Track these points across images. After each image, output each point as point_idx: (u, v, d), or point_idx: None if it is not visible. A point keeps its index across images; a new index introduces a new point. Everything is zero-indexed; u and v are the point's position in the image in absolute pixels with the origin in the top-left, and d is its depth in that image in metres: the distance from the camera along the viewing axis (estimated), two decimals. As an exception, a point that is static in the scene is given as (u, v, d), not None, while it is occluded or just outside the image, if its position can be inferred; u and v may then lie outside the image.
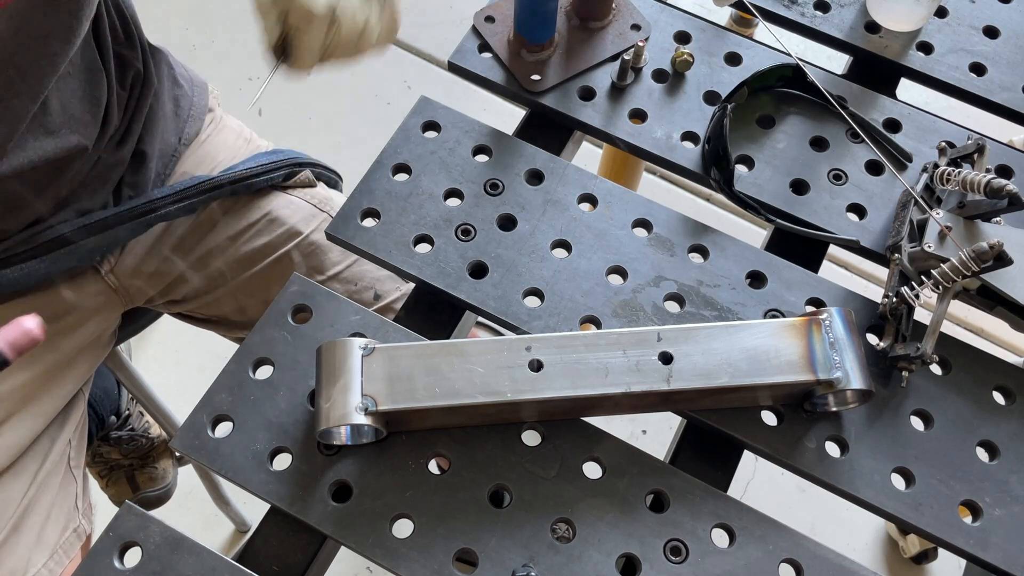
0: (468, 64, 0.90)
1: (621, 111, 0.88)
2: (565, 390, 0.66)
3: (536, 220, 0.80)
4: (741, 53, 0.92)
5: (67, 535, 0.93)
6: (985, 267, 0.68)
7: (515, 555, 0.65)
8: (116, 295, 1.01)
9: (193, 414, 0.70)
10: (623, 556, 0.66)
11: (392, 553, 0.65)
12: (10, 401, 0.90)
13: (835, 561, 0.66)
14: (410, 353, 0.67)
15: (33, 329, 0.58)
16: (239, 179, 1.00)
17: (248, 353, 0.73)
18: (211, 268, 1.03)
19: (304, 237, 1.02)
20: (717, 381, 0.67)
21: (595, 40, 0.91)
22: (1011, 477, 0.70)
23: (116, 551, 0.65)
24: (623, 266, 0.78)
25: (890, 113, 0.89)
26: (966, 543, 0.68)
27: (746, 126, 0.87)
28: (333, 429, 0.66)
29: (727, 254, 0.79)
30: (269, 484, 0.67)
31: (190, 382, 1.71)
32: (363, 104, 2.10)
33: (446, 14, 2.23)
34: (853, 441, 0.71)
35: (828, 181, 0.84)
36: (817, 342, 0.69)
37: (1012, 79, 0.92)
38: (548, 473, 0.69)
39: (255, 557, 0.68)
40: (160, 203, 0.95)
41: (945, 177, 0.77)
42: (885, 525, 1.65)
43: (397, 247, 0.78)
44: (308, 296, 0.75)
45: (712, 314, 0.76)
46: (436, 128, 0.85)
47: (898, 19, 0.94)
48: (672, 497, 0.68)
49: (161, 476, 1.48)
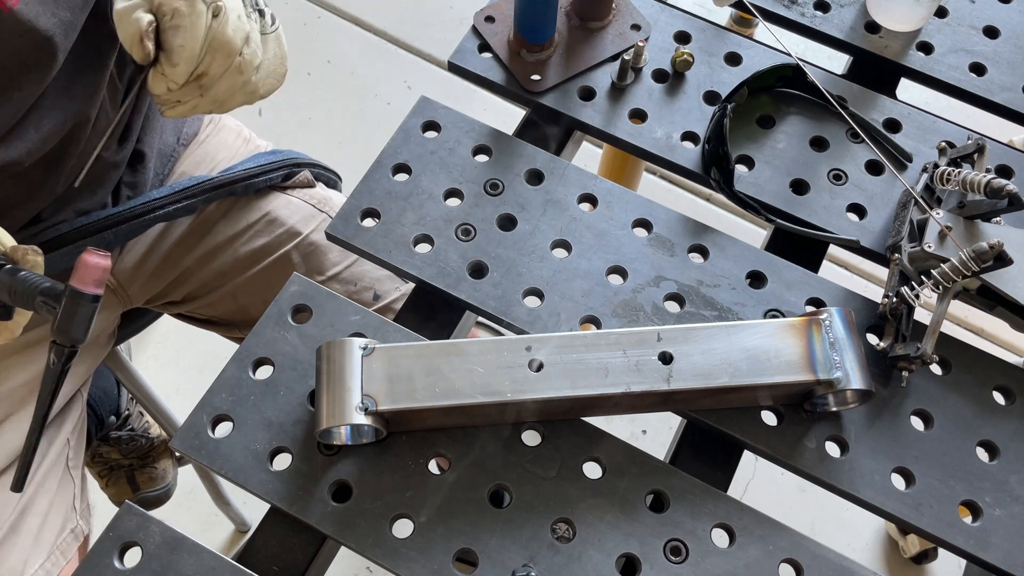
0: (468, 64, 0.90)
1: (621, 111, 0.88)
2: (565, 390, 0.66)
3: (536, 220, 0.80)
4: (741, 53, 0.92)
5: (64, 536, 0.92)
6: (985, 267, 0.68)
7: (515, 555, 0.65)
8: (116, 296, 1.01)
9: (193, 414, 0.70)
10: (623, 556, 0.66)
11: (392, 553, 0.65)
12: (9, 401, 0.90)
13: (835, 561, 0.66)
14: (410, 353, 0.67)
15: (100, 260, 0.61)
16: (238, 179, 1.00)
17: (248, 353, 0.73)
18: (210, 269, 1.02)
19: (303, 237, 1.02)
20: (717, 381, 0.67)
21: (595, 40, 0.91)
22: (1011, 477, 0.70)
23: (116, 551, 0.65)
24: (623, 266, 0.78)
25: (890, 113, 0.89)
26: (966, 543, 0.68)
27: (746, 126, 0.87)
28: (333, 429, 0.66)
29: (727, 254, 0.79)
30: (269, 484, 0.67)
31: (190, 382, 1.71)
32: (363, 104, 2.10)
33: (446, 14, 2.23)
34: (853, 441, 0.71)
35: (828, 181, 0.84)
36: (817, 342, 0.68)
37: (1012, 79, 0.92)
38: (548, 473, 0.69)
39: (255, 557, 0.68)
40: (159, 203, 0.94)
41: (945, 177, 0.77)
42: (885, 525, 1.65)
43: (397, 247, 0.78)
44: (308, 296, 0.75)
45: (712, 314, 0.76)
46: (436, 128, 0.85)
47: (898, 19, 0.94)
48: (672, 497, 0.68)
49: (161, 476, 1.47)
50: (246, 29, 0.69)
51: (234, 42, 0.68)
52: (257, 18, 0.72)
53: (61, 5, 0.74)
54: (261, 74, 0.73)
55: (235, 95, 0.72)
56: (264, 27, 0.73)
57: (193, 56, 0.67)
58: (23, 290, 0.60)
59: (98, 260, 0.61)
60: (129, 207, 0.93)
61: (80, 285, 0.60)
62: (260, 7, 0.73)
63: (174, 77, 0.67)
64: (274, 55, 0.74)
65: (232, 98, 0.72)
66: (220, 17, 0.67)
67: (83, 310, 0.61)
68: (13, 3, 0.69)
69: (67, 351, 0.62)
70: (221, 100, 0.72)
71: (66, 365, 0.63)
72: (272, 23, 0.74)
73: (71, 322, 0.60)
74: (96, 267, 0.61)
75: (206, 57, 0.68)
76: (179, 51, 0.66)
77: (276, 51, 0.74)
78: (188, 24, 0.66)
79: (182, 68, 0.67)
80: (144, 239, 1.00)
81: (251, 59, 0.70)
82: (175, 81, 0.68)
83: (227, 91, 0.71)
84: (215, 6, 0.66)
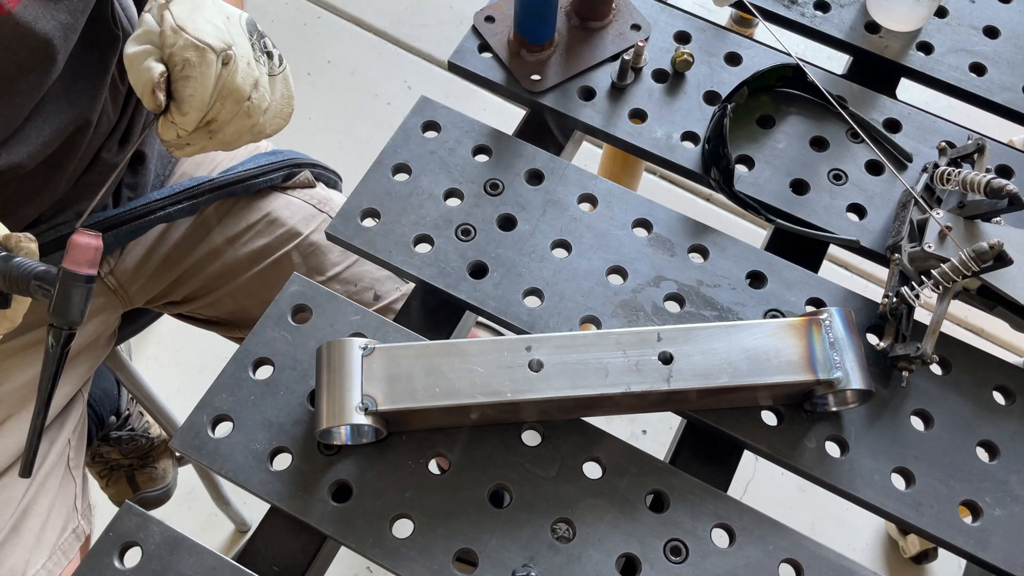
0: (468, 64, 0.90)
1: (621, 111, 0.88)
2: (565, 390, 0.66)
3: (536, 220, 0.80)
4: (741, 53, 0.92)
5: (66, 535, 0.92)
6: (985, 267, 0.68)
7: (515, 555, 0.65)
8: (116, 296, 1.01)
9: (193, 414, 0.70)
10: (623, 556, 0.66)
11: (392, 553, 0.65)
12: (9, 401, 0.90)
13: (835, 561, 0.66)
14: (410, 353, 0.67)
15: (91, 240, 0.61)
16: (238, 180, 1.00)
17: (248, 353, 0.73)
18: (211, 269, 1.03)
19: (304, 238, 1.02)
20: (717, 381, 0.67)
21: (595, 40, 0.91)
22: (1011, 477, 0.70)
23: (116, 551, 0.65)
24: (623, 266, 0.78)
25: (890, 113, 0.89)
26: (966, 543, 0.68)
27: (746, 126, 0.87)
28: (333, 429, 0.66)
29: (727, 254, 0.79)
30: (269, 484, 0.67)
31: (190, 382, 1.71)
32: (363, 104, 2.10)
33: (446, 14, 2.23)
34: (853, 441, 0.71)
35: (828, 181, 0.84)
36: (817, 342, 0.68)
37: (1012, 79, 0.92)
38: (548, 473, 0.69)
39: (255, 557, 0.68)
40: (159, 204, 0.94)
41: (945, 177, 0.77)
42: (885, 525, 1.65)
43: (397, 247, 0.78)
44: (308, 296, 0.75)
45: (712, 314, 0.76)
46: (436, 128, 0.85)
47: (898, 19, 0.94)
48: (672, 497, 0.68)
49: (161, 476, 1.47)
50: (255, 75, 0.69)
51: (243, 89, 0.68)
52: (266, 60, 0.72)
53: (60, 8, 0.74)
54: (268, 115, 0.73)
55: (242, 136, 0.72)
56: (272, 68, 0.73)
57: (203, 105, 0.67)
58: (17, 275, 0.60)
59: (89, 240, 0.61)
60: (129, 208, 0.93)
61: (73, 266, 0.60)
62: (269, 49, 0.73)
63: (184, 125, 0.67)
64: (281, 96, 0.74)
65: (239, 139, 0.72)
66: (230, 65, 0.67)
67: (78, 291, 0.60)
68: (11, 6, 0.69)
69: (65, 333, 0.62)
70: (229, 141, 0.72)
71: (65, 348, 0.62)
72: (280, 64, 0.74)
73: (67, 304, 0.60)
74: (87, 247, 0.61)
75: (216, 104, 0.68)
76: (189, 100, 0.66)
77: (283, 92, 0.74)
78: (199, 74, 0.65)
79: (192, 117, 0.67)
80: (144, 240, 1.00)
81: (259, 103, 0.70)
82: (185, 129, 0.68)
83: (235, 134, 0.71)
84: (225, 54, 0.66)
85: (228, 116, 0.69)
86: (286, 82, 0.75)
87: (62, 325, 0.61)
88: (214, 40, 0.66)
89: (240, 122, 0.70)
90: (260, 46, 0.72)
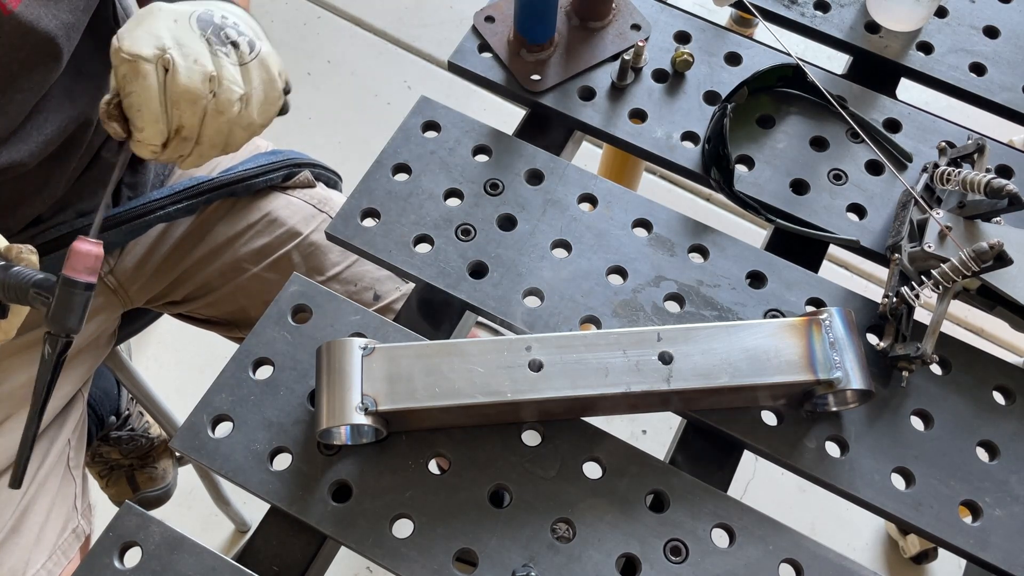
0: (468, 64, 0.90)
1: (621, 111, 0.88)
2: (565, 390, 0.66)
3: (536, 220, 0.80)
4: (741, 53, 0.92)
5: (66, 535, 0.92)
6: (985, 267, 0.68)
7: (515, 555, 0.65)
8: (116, 296, 1.01)
9: (193, 414, 0.70)
10: (623, 556, 0.66)
11: (392, 553, 0.65)
12: (9, 401, 0.90)
13: (835, 561, 0.66)
14: (410, 353, 0.67)
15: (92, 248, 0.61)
16: (238, 180, 1.00)
17: (248, 353, 0.73)
18: (211, 269, 1.03)
19: (304, 238, 1.02)
20: (717, 381, 0.67)
21: (595, 40, 0.91)
22: (1011, 477, 0.70)
23: (116, 551, 0.65)
24: (623, 266, 0.78)
25: (890, 113, 0.89)
26: (966, 543, 0.68)
27: (746, 126, 0.87)
28: (333, 429, 0.66)
29: (727, 254, 0.79)
30: (269, 484, 0.67)
31: (190, 382, 1.71)
32: (363, 104, 2.10)
33: (446, 14, 2.23)
34: (853, 441, 0.71)
35: (828, 181, 0.84)
36: (817, 342, 0.68)
37: (1012, 79, 0.92)
38: (548, 473, 0.69)
39: (255, 557, 0.68)
40: (159, 204, 0.94)
41: (945, 177, 0.77)
42: (885, 525, 1.65)
43: (397, 247, 0.78)
44: (308, 296, 0.75)
45: (712, 314, 0.76)
46: (436, 128, 0.85)
47: (898, 19, 0.94)
48: (672, 497, 0.68)
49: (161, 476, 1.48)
50: (207, 70, 0.67)
51: (193, 89, 0.66)
52: (231, 51, 0.70)
53: (63, 7, 0.74)
54: (252, 104, 0.71)
55: (233, 133, 0.71)
56: (242, 57, 0.70)
57: (155, 116, 0.65)
58: (15, 284, 0.59)
59: (90, 248, 0.60)
60: (129, 208, 0.93)
61: (72, 273, 0.60)
62: (233, 39, 0.70)
63: (149, 140, 0.66)
64: (261, 81, 0.71)
65: (231, 136, 0.71)
66: (171, 68, 0.65)
67: (77, 299, 0.60)
68: (14, 5, 0.69)
69: (62, 341, 0.61)
70: (220, 143, 0.70)
71: (61, 356, 0.62)
72: (252, 50, 0.71)
73: (65, 311, 0.60)
74: (88, 255, 0.60)
75: (173, 111, 0.66)
76: (138, 116, 0.65)
77: (263, 76, 0.72)
78: (137, 88, 0.64)
79: (149, 131, 0.66)
80: (144, 240, 1.00)
81: (227, 96, 0.68)
82: (153, 143, 0.66)
83: (217, 134, 0.69)
84: (163, 59, 0.65)
85: (193, 119, 0.67)
86: (263, 66, 0.72)
87: (59, 332, 0.61)
88: (146, 49, 0.64)
89: (215, 121, 0.68)
90: (220, 38, 0.69)
